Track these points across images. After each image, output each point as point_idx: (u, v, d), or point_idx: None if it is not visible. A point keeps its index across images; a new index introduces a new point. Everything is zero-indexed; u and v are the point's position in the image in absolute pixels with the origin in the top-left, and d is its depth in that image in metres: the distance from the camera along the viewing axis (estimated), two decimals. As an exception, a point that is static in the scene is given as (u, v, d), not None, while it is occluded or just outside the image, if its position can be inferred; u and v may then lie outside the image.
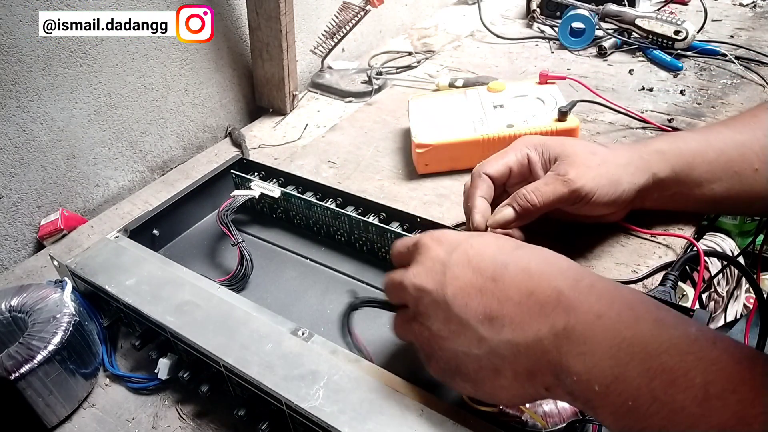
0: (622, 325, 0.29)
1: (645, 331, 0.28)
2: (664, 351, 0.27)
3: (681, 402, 0.26)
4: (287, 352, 0.39)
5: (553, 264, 0.33)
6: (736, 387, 0.25)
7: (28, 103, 0.61)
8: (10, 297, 0.46)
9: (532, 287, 0.31)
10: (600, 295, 0.30)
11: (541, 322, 0.30)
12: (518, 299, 0.31)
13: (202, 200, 0.59)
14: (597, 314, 0.29)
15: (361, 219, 0.51)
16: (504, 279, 0.32)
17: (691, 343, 0.27)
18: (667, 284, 0.44)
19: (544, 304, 0.31)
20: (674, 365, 0.26)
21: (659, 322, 0.29)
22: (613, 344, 0.28)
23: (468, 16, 1.08)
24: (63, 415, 0.44)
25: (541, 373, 0.31)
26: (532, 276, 0.32)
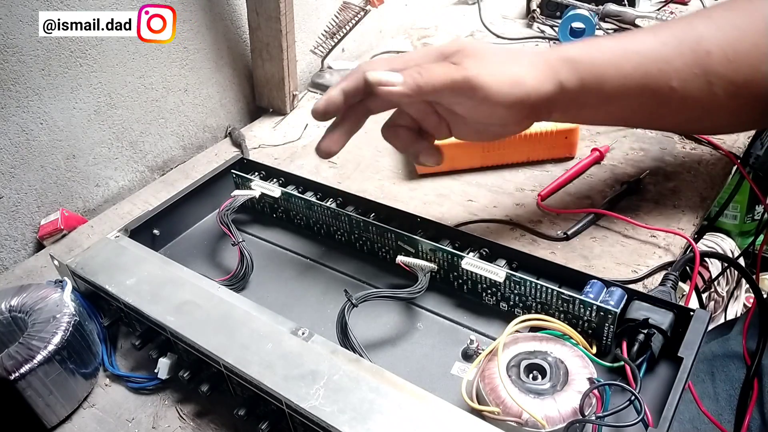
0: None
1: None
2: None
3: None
4: (287, 352, 0.39)
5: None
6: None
7: (28, 103, 0.61)
8: (10, 297, 0.46)
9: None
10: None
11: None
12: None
13: (202, 200, 0.59)
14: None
15: (361, 219, 0.51)
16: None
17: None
18: (667, 284, 0.44)
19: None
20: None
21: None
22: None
23: (468, 16, 1.08)
24: (63, 415, 0.44)
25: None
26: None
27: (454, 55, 0.43)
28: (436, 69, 0.42)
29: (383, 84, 0.42)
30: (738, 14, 0.47)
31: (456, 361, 0.43)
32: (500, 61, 0.43)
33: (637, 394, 0.34)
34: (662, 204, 0.57)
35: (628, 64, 0.45)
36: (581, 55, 0.45)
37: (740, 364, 0.56)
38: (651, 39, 0.47)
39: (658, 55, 0.46)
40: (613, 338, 0.40)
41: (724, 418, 0.54)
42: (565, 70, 0.45)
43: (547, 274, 0.44)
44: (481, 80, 0.42)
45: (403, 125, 0.48)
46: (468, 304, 0.47)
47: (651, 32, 0.47)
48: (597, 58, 0.45)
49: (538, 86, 0.44)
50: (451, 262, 0.46)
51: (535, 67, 0.44)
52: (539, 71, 0.44)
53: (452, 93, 0.43)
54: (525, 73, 0.44)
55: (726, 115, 0.48)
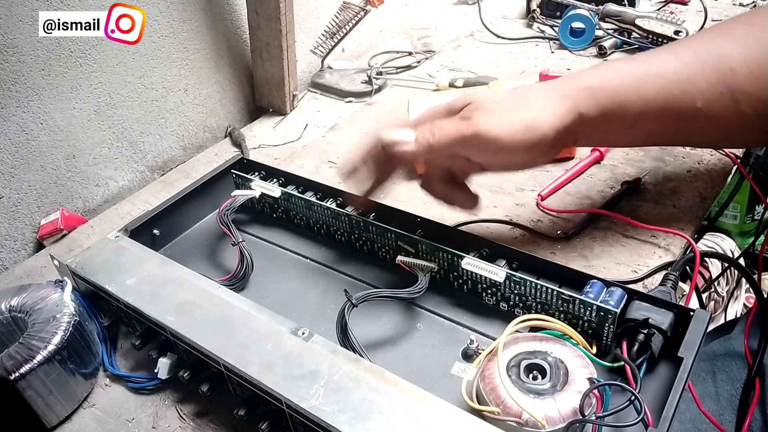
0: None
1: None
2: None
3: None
4: (287, 352, 0.39)
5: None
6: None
7: (28, 103, 0.61)
8: (10, 297, 0.46)
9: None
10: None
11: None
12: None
13: (203, 200, 0.59)
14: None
15: (361, 219, 0.51)
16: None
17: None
18: (667, 284, 0.44)
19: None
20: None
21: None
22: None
23: (468, 16, 1.08)
24: (63, 415, 0.44)
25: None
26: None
27: (464, 109, 0.44)
28: (447, 126, 0.43)
29: (396, 144, 0.43)
30: (759, 29, 0.45)
31: (456, 361, 0.43)
32: (510, 109, 0.43)
33: (637, 394, 0.34)
34: (662, 204, 0.57)
35: (650, 88, 0.44)
36: (601, 82, 0.44)
37: (742, 364, 0.56)
38: (672, 60, 0.45)
39: (681, 76, 0.44)
40: (613, 338, 0.40)
41: (725, 418, 0.53)
42: (585, 100, 0.44)
43: (547, 274, 0.44)
44: (493, 134, 0.42)
45: (437, 179, 0.48)
46: (468, 304, 0.47)
47: (671, 52, 0.46)
48: (617, 84, 0.44)
49: (555, 123, 0.43)
50: (451, 262, 0.46)
51: (550, 103, 0.43)
52: (555, 107, 0.43)
53: (465, 148, 0.43)
54: (538, 114, 0.43)
55: (755, 132, 0.47)
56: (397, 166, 0.48)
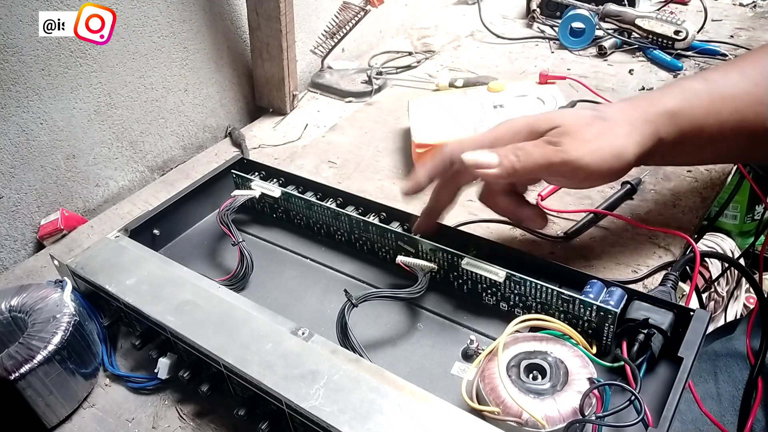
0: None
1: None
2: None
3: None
4: (287, 352, 0.39)
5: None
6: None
7: (28, 103, 0.61)
8: (10, 297, 0.46)
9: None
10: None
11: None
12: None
13: (203, 200, 0.59)
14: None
15: (361, 219, 0.51)
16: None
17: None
18: (667, 284, 0.44)
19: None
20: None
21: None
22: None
23: (468, 16, 1.08)
24: (63, 415, 0.44)
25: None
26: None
27: (549, 132, 0.43)
28: (534, 152, 0.42)
29: (480, 167, 0.42)
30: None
31: (456, 361, 0.43)
32: (597, 134, 0.42)
33: (637, 394, 0.34)
34: (662, 204, 0.57)
35: (725, 110, 0.44)
36: (681, 106, 0.44)
37: (743, 365, 0.56)
38: (742, 79, 0.45)
39: (752, 97, 0.45)
40: (613, 338, 0.40)
41: (727, 419, 0.53)
42: (666, 125, 0.44)
43: (547, 274, 0.44)
44: (584, 162, 0.41)
45: (498, 192, 0.47)
46: (468, 304, 0.47)
47: (738, 71, 0.46)
48: (695, 107, 0.44)
49: (638, 150, 0.42)
50: (451, 262, 0.46)
51: (636, 129, 0.43)
52: (639, 133, 0.43)
53: (551, 173, 0.43)
54: (626, 142, 0.42)
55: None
56: (466, 183, 0.46)
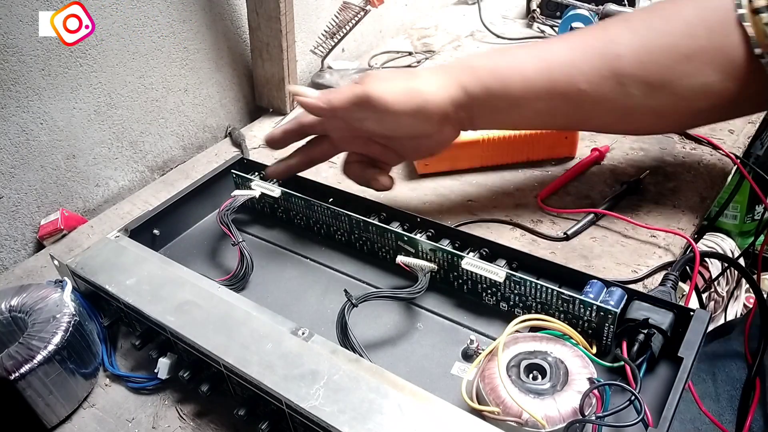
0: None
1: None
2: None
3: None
4: (287, 352, 0.39)
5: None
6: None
7: (28, 103, 0.61)
8: (10, 297, 0.46)
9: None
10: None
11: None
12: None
13: (203, 200, 0.59)
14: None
15: (361, 219, 0.51)
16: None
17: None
18: (667, 284, 0.44)
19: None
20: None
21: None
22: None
23: (468, 16, 1.08)
24: (63, 415, 0.44)
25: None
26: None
27: (360, 79, 0.49)
28: (343, 89, 0.49)
29: (300, 95, 0.50)
30: (656, 16, 0.48)
31: (456, 361, 0.43)
32: (396, 78, 0.49)
33: (637, 394, 0.34)
34: (662, 204, 0.57)
35: (531, 68, 0.48)
36: (484, 62, 0.50)
37: (742, 365, 0.56)
38: (560, 45, 0.49)
39: (563, 59, 0.48)
40: (613, 338, 0.40)
41: (726, 419, 0.54)
42: (468, 77, 0.48)
43: (547, 274, 0.44)
44: (377, 92, 0.47)
45: (355, 161, 0.55)
46: (468, 304, 0.47)
47: (562, 39, 0.51)
48: (499, 63, 0.49)
49: (438, 92, 0.48)
50: (451, 262, 0.46)
51: (435, 76, 0.49)
52: (438, 79, 0.48)
53: (357, 108, 0.48)
54: (420, 83, 0.48)
55: (648, 116, 0.49)
56: (318, 155, 0.55)
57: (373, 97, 0.47)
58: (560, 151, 0.64)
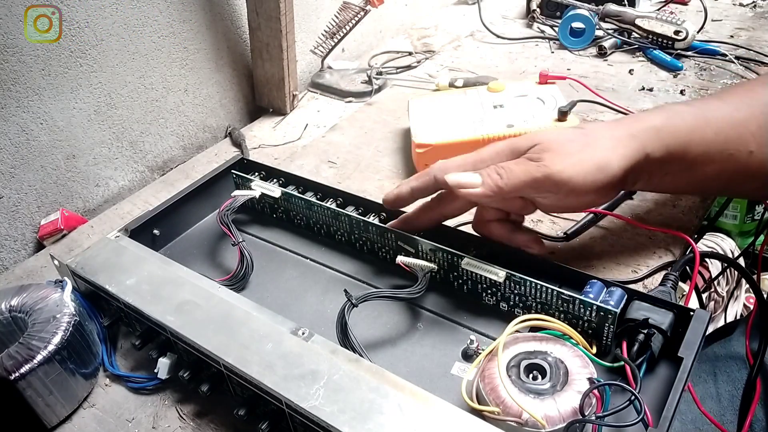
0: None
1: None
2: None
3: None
4: (287, 352, 0.39)
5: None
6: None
7: (28, 103, 0.61)
8: (10, 297, 0.46)
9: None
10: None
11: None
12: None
13: (203, 200, 0.59)
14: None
15: (361, 219, 0.51)
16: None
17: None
18: (667, 284, 0.44)
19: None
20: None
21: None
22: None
23: (468, 16, 1.08)
24: (63, 415, 0.44)
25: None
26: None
27: (531, 150, 0.43)
28: (516, 168, 0.42)
29: (463, 186, 0.43)
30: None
31: (456, 361, 0.43)
32: (579, 149, 0.43)
33: (637, 394, 0.34)
34: (662, 204, 0.57)
35: (709, 130, 0.45)
36: (665, 123, 0.45)
37: (742, 365, 0.56)
38: (723, 105, 0.46)
39: (734, 120, 0.45)
40: (613, 338, 0.40)
41: (727, 419, 0.53)
42: (652, 140, 0.44)
43: (547, 274, 0.44)
44: (566, 175, 0.41)
45: (492, 219, 0.47)
46: (468, 304, 0.47)
47: (719, 99, 0.47)
48: (680, 125, 0.45)
49: (623, 163, 0.42)
50: (451, 262, 0.46)
51: (620, 143, 0.43)
52: (624, 146, 0.43)
53: (535, 190, 0.43)
54: (609, 155, 0.42)
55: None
56: (451, 213, 0.48)
57: (558, 179, 0.41)
58: (560, 151, 0.64)
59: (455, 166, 0.45)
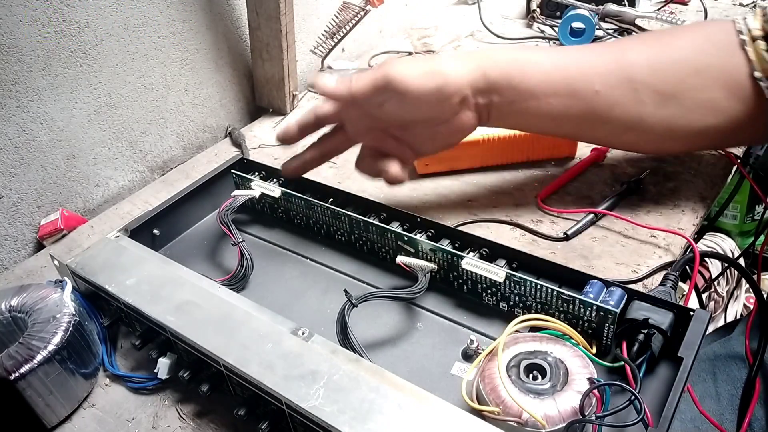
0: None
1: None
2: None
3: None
4: (287, 352, 0.39)
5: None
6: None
7: (28, 103, 0.61)
8: (10, 297, 0.46)
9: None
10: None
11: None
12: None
13: (202, 200, 0.59)
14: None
15: (361, 219, 0.51)
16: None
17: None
18: (667, 284, 0.44)
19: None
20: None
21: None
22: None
23: (468, 16, 1.08)
24: (63, 415, 0.44)
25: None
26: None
27: (380, 64, 0.49)
28: (364, 74, 0.48)
29: (321, 87, 0.49)
30: (668, 34, 0.51)
31: (456, 361, 0.43)
32: (416, 60, 0.49)
33: (637, 394, 0.34)
34: (662, 204, 0.57)
35: (549, 63, 0.49)
36: (504, 52, 0.51)
37: (742, 365, 0.56)
38: (576, 49, 0.52)
39: (580, 60, 0.49)
40: (613, 338, 0.40)
41: (726, 418, 0.54)
42: (487, 62, 0.49)
43: (547, 274, 0.44)
44: (399, 74, 0.46)
45: (368, 155, 0.53)
46: (468, 304, 0.47)
47: (579, 47, 0.53)
48: (519, 56, 0.50)
49: (456, 73, 0.47)
50: (451, 262, 0.46)
51: (456, 60, 0.48)
52: (459, 62, 0.48)
53: (377, 91, 0.47)
54: (441, 65, 0.48)
55: (657, 129, 0.50)
56: (332, 148, 0.54)
57: (395, 78, 0.46)
58: (560, 151, 0.64)
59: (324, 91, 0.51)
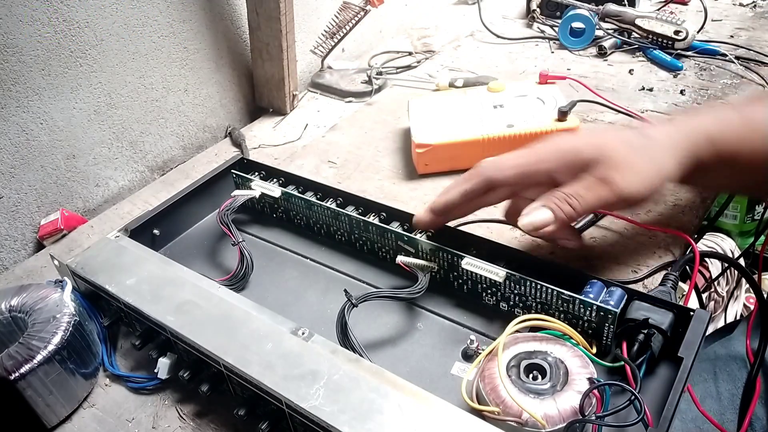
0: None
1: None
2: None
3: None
4: (287, 352, 0.39)
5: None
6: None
7: (28, 103, 0.61)
8: (10, 297, 0.46)
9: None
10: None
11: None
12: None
13: (203, 200, 0.59)
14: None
15: (361, 219, 0.51)
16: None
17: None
18: (667, 284, 0.44)
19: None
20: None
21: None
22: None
23: (468, 16, 1.08)
24: (63, 415, 0.44)
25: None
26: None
27: (594, 167, 0.42)
28: (587, 195, 0.41)
29: (538, 228, 0.42)
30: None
31: (456, 361, 0.43)
32: (643, 159, 0.42)
33: (637, 394, 0.34)
34: (662, 204, 0.57)
35: (757, 138, 0.45)
36: (718, 130, 0.45)
37: (743, 365, 0.56)
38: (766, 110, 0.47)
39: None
40: (613, 338, 0.40)
41: (727, 418, 0.54)
42: (704, 146, 0.44)
43: (547, 274, 0.44)
44: (635, 192, 0.41)
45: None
46: (468, 304, 0.47)
47: (763, 104, 0.48)
48: (731, 132, 0.45)
49: (681, 171, 0.44)
50: (451, 262, 0.46)
51: (678, 150, 0.44)
52: (681, 155, 0.44)
53: (605, 209, 0.44)
54: (668, 163, 0.43)
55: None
56: (492, 202, 0.47)
57: (629, 198, 0.41)
58: (560, 151, 0.64)
59: (511, 164, 0.44)
